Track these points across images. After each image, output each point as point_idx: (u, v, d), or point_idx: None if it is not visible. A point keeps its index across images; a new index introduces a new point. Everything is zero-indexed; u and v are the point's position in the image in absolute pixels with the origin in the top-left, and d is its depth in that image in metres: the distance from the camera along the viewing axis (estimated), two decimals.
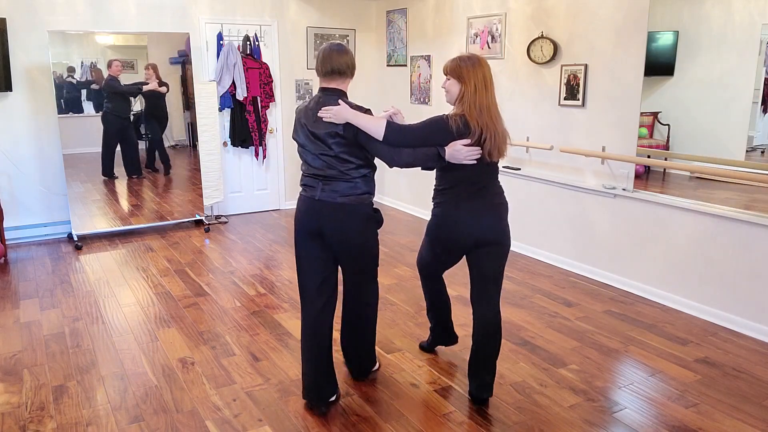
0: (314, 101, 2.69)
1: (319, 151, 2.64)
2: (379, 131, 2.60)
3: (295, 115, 2.77)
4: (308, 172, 2.72)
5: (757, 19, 3.58)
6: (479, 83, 2.63)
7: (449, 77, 2.74)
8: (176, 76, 5.82)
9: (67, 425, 2.64)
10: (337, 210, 2.64)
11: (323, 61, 2.66)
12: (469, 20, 5.42)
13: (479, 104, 2.61)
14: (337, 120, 2.58)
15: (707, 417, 2.72)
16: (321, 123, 2.61)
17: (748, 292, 3.57)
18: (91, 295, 4.15)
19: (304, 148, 2.71)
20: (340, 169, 2.63)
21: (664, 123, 4.18)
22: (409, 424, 2.65)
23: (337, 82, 2.70)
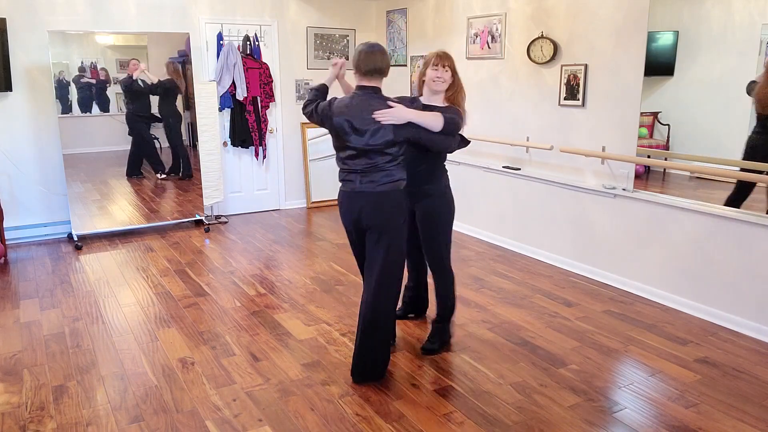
0: (357, 99, 2.88)
1: (370, 151, 2.84)
2: (439, 124, 2.91)
3: (330, 112, 2.91)
4: (346, 168, 2.91)
5: (757, 19, 3.58)
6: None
7: (447, 68, 3.06)
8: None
9: (67, 425, 2.64)
10: (376, 198, 2.86)
11: (367, 60, 2.85)
12: (469, 20, 5.42)
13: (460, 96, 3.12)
14: (398, 120, 2.82)
15: (707, 417, 2.72)
16: (374, 125, 2.81)
17: (748, 292, 3.57)
18: (91, 295, 4.15)
19: (350, 148, 2.86)
20: (378, 162, 2.85)
21: (664, 123, 4.17)
22: (409, 424, 2.65)
23: (376, 80, 2.91)
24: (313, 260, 4.94)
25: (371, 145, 2.83)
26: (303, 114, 3.09)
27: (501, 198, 5.29)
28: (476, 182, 5.56)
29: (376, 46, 2.89)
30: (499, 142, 5.16)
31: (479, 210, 5.57)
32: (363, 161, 2.85)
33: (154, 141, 5.87)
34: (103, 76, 5.45)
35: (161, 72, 5.70)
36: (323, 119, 2.95)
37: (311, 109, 3.03)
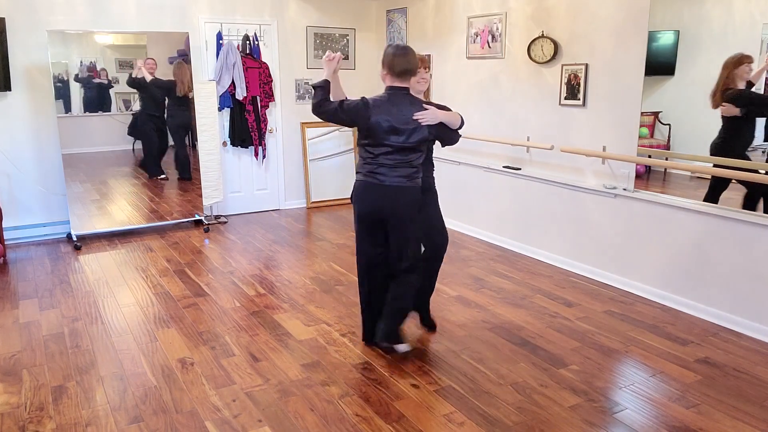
0: (395, 100, 3.03)
1: (405, 148, 3.02)
2: (458, 121, 3.13)
3: (367, 112, 3.00)
4: (376, 162, 3.05)
5: (758, 18, 3.57)
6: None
7: (427, 70, 3.33)
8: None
9: (67, 425, 2.63)
10: (404, 191, 3.05)
11: (401, 61, 3.00)
12: (469, 20, 5.42)
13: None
14: (433, 121, 3.02)
15: (708, 417, 2.71)
16: (413, 124, 3.00)
17: (748, 292, 3.57)
18: (91, 296, 4.14)
19: (386, 145, 3.01)
20: (410, 158, 3.05)
21: (664, 123, 4.17)
22: (409, 424, 2.65)
23: (407, 81, 3.07)
24: (313, 260, 4.93)
25: (409, 144, 3.02)
26: (317, 113, 3.05)
27: (501, 198, 5.28)
28: (476, 182, 5.55)
29: (408, 48, 3.04)
30: (499, 141, 5.15)
31: (479, 210, 5.56)
32: (396, 157, 3.03)
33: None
34: (104, 76, 5.46)
35: (166, 72, 5.71)
36: (356, 118, 3.03)
37: (333, 107, 3.03)
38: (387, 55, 3.02)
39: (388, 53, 3.01)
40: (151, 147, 5.87)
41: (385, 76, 3.07)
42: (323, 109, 3.04)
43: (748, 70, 3.61)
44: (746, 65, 3.61)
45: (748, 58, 3.60)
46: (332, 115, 3.05)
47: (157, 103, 5.77)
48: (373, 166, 3.06)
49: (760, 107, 3.67)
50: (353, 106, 3.03)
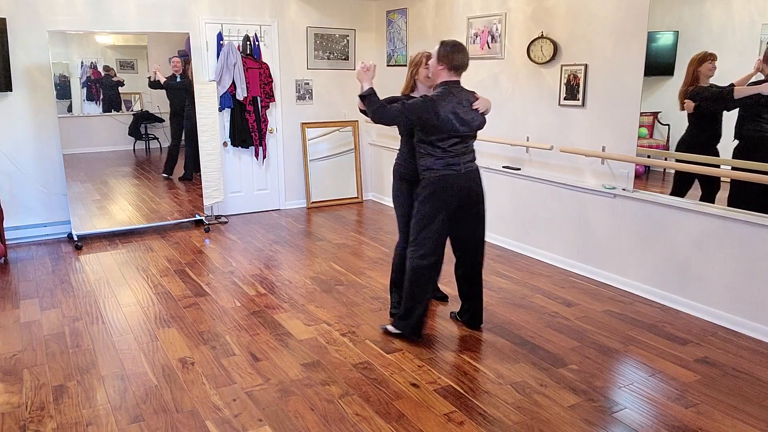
0: (456, 92, 3.22)
1: (468, 136, 3.30)
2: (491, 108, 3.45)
3: (436, 107, 3.15)
4: (447, 154, 3.25)
5: (757, 18, 3.58)
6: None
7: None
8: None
9: (67, 425, 2.64)
10: (476, 175, 3.37)
11: (459, 57, 3.21)
12: (469, 20, 5.42)
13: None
14: (486, 108, 3.33)
15: (707, 417, 2.72)
16: (472, 113, 3.26)
17: (748, 292, 3.57)
18: (91, 295, 4.15)
19: (458, 137, 3.25)
20: (470, 145, 3.36)
21: (664, 123, 4.17)
22: (409, 424, 2.65)
23: (460, 75, 3.28)
24: (313, 260, 4.94)
25: (471, 131, 3.30)
26: (379, 118, 3.24)
27: (501, 198, 5.29)
28: None
29: (461, 45, 3.25)
30: (499, 141, 5.16)
31: None
32: (462, 146, 3.29)
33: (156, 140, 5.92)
34: (112, 75, 5.49)
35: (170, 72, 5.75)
36: (422, 114, 3.17)
37: (396, 109, 3.21)
38: (445, 51, 3.19)
39: (447, 50, 3.19)
40: (173, 147, 6.00)
41: (440, 71, 3.24)
42: (385, 113, 3.22)
43: (711, 67, 3.69)
44: (709, 62, 3.68)
45: (712, 56, 3.68)
46: (395, 117, 3.23)
47: (176, 104, 5.84)
48: (446, 158, 3.25)
49: (710, 102, 3.73)
50: (418, 104, 3.18)
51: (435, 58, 3.23)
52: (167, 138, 5.96)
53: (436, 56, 3.22)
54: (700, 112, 3.78)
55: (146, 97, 5.74)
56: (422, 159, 3.30)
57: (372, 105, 3.22)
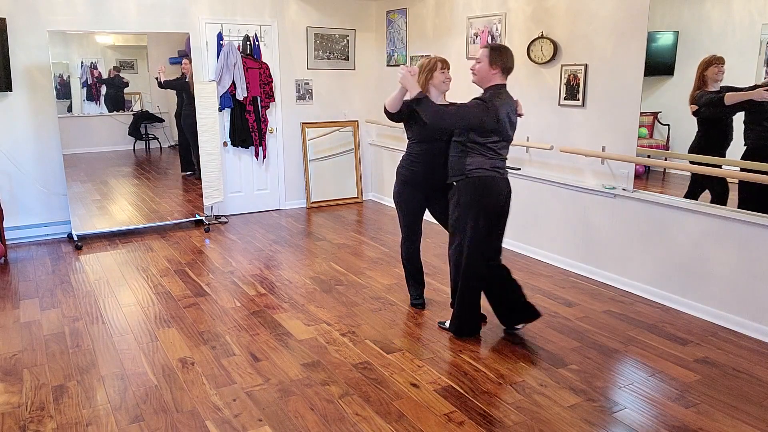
0: (506, 95, 3.26)
1: (510, 140, 3.33)
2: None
3: (495, 108, 3.17)
4: (498, 156, 3.28)
5: (757, 18, 3.58)
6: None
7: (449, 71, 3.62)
8: (176, 76, 5.82)
9: (67, 425, 2.64)
10: (508, 181, 3.40)
11: (512, 60, 3.26)
12: (469, 20, 5.42)
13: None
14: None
15: (707, 417, 2.72)
16: (515, 117, 3.32)
17: (748, 292, 3.57)
18: (91, 295, 4.15)
19: (506, 141, 3.29)
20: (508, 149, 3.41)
21: (664, 123, 4.17)
22: (409, 424, 2.65)
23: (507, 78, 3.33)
24: (313, 260, 4.94)
25: (514, 124, 3.32)
26: (440, 120, 3.19)
27: None
28: None
29: (508, 48, 3.29)
30: None
31: None
32: (506, 151, 3.34)
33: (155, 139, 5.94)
34: (113, 74, 5.50)
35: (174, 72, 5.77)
36: (484, 118, 3.16)
37: (456, 113, 3.19)
38: (498, 55, 3.21)
39: (500, 53, 3.21)
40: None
41: (494, 75, 3.23)
42: (446, 116, 3.18)
43: (717, 71, 3.69)
44: (715, 66, 3.68)
45: (718, 60, 3.68)
46: (457, 122, 3.19)
47: (179, 102, 5.91)
48: (495, 160, 3.27)
49: (706, 107, 3.74)
50: (480, 107, 3.16)
51: (486, 63, 3.21)
52: (167, 138, 5.96)
53: (487, 60, 3.21)
54: (704, 117, 3.78)
55: (146, 97, 5.74)
56: (471, 157, 3.25)
57: (428, 108, 3.19)
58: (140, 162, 5.89)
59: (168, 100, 5.87)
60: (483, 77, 3.27)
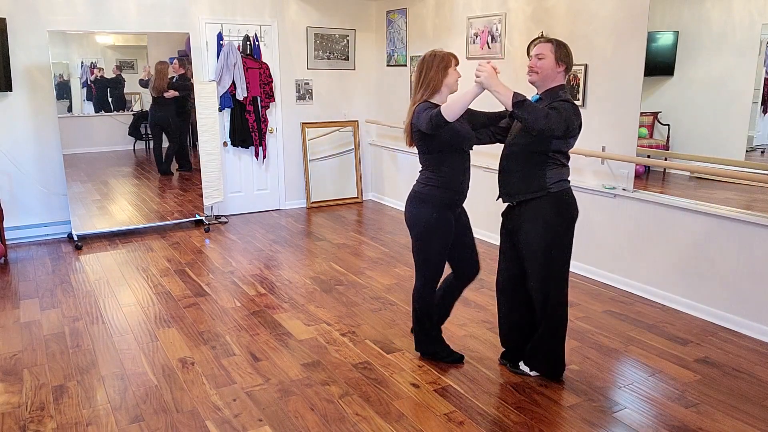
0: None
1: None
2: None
3: (580, 113, 2.79)
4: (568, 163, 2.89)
5: (757, 19, 3.58)
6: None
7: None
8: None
9: (67, 425, 2.64)
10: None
11: (572, 58, 2.90)
12: (469, 20, 5.42)
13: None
14: None
15: (707, 417, 2.72)
16: None
17: (748, 292, 3.57)
18: (91, 295, 4.15)
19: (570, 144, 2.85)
20: None
21: (664, 123, 4.18)
22: (409, 424, 2.65)
23: None
24: (313, 260, 4.94)
25: None
26: (541, 125, 2.60)
27: None
28: (476, 182, 5.55)
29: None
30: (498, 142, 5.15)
31: (479, 210, 5.57)
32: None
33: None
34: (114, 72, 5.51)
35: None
36: (577, 120, 2.75)
37: (558, 116, 2.67)
38: (566, 51, 2.82)
39: (566, 50, 2.82)
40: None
41: (559, 73, 2.84)
42: (552, 120, 2.63)
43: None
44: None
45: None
46: (560, 126, 2.65)
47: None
48: (568, 168, 2.88)
49: None
50: (573, 109, 2.73)
51: (551, 59, 2.80)
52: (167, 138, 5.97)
53: (553, 56, 2.80)
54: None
55: (146, 97, 5.74)
56: (552, 170, 2.79)
57: (536, 111, 2.61)
58: (140, 162, 5.89)
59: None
60: (547, 76, 2.83)
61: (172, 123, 5.90)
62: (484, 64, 2.71)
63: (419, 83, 2.94)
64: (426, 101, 2.90)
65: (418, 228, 2.96)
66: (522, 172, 2.84)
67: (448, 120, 2.69)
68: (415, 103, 2.92)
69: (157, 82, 5.70)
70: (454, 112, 2.67)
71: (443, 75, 2.93)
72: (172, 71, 5.71)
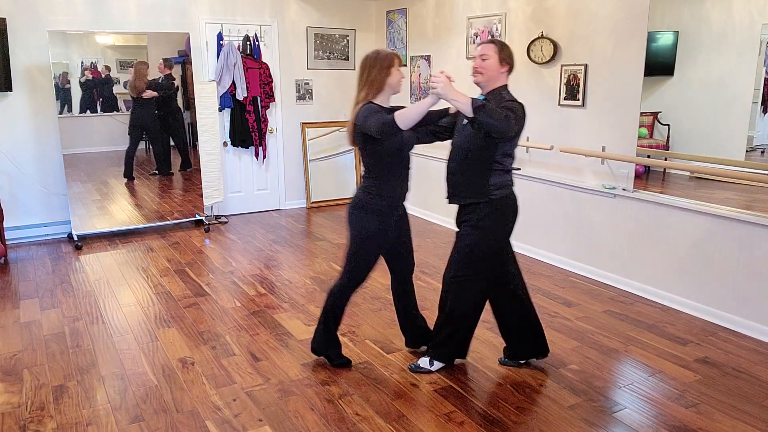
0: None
1: None
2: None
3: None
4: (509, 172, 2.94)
5: (757, 19, 3.58)
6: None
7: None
8: (176, 76, 5.82)
9: (67, 425, 2.64)
10: None
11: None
12: (469, 20, 5.42)
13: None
14: None
15: (707, 417, 2.72)
16: None
17: (748, 292, 3.57)
18: (91, 295, 4.15)
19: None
20: None
21: (664, 123, 4.18)
22: (409, 424, 2.65)
23: None
24: (313, 260, 4.94)
25: None
26: (504, 128, 2.59)
27: None
28: None
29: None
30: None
31: None
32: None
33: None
34: (105, 73, 5.48)
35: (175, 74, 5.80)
36: (524, 120, 2.78)
37: (512, 117, 2.66)
38: (509, 52, 2.84)
39: (509, 50, 2.84)
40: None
41: (503, 74, 2.85)
42: (511, 122, 2.63)
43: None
44: None
45: None
46: (516, 126, 2.67)
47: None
48: (512, 173, 2.93)
49: None
50: (522, 108, 2.76)
51: (495, 60, 2.80)
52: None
53: (497, 56, 2.80)
54: None
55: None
56: (495, 176, 2.85)
57: (496, 114, 2.58)
58: (140, 162, 5.89)
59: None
60: (491, 77, 2.83)
61: (152, 125, 5.80)
62: (438, 75, 2.68)
63: (363, 82, 2.94)
64: (370, 102, 2.90)
65: (359, 234, 3.00)
66: (467, 175, 2.89)
67: (402, 129, 2.71)
68: (359, 103, 2.92)
69: (135, 82, 5.60)
70: (409, 120, 2.68)
71: (386, 75, 2.90)
72: (158, 72, 5.67)
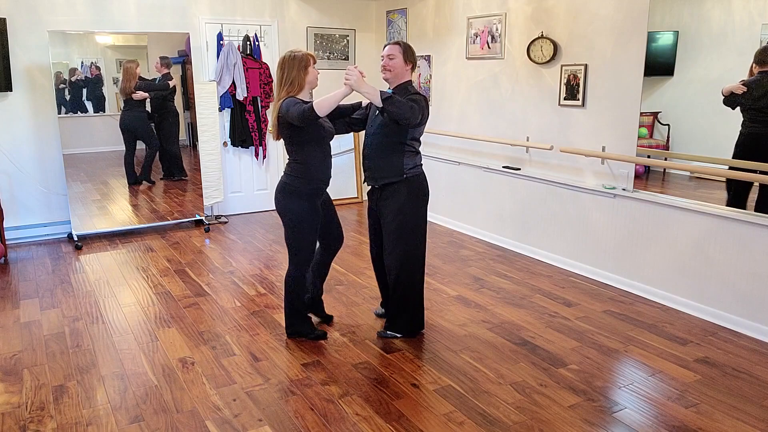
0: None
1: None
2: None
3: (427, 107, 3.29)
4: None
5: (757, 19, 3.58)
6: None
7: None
8: (176, 76, 5.83)
9: (67, 425, 2.64)
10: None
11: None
12: (469, 20, 5.42)
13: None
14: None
15: (707, 417, 2.72)
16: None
17: (748, 292, 3.57)
18: (91, 295, 4.15)
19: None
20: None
21: (664, 123, 4.17)
22: (409, 424, 2.66)
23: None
24: None
25: None
26: (407, 116, 3.05)
27: (501, 198, 5.29)
28: (476, 182, 5.56)
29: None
30: (499, 142, 5.16)
31: (479, 210, 5.57)
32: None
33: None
34: (93, 72, 5.43)
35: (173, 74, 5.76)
36: (426, 110, 3.22)
37: (415, 107, 3.12)
38: (412, 51, 3.30)
39: (412, 49, 3.30)
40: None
41: (407, 70, 3.31)
42: (415, 111, 3.06)
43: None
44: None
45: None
46: (419, 114, 3.10)
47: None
48: (420, 153, 3.38)
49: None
50: (423, 100, 3.19)
51: (400, 59, 3.25)
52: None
53: (401, 56, 3.25)
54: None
55: None
56: (408, 158, 3.28)
57: (402, 104, 3.02)
58: (140, 162, 5.89)
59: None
60: (398, 74, 3.28)
61: (141, 127, 5.69)
62: (352, 69, 3.05)
63: (282, 83, 3.20)
64: (292, 96, 3.18)
65: (291, 219, 3.25)
66: (383, 159, 3.27)
67: (320, 115, 3.01)
68: (280, 100, 3.17)
69: (123, 83, 5.51)
70: (325, 108, 3.00)
71: (304, 74, 3.20)
72: (156, 71, 5.65)
